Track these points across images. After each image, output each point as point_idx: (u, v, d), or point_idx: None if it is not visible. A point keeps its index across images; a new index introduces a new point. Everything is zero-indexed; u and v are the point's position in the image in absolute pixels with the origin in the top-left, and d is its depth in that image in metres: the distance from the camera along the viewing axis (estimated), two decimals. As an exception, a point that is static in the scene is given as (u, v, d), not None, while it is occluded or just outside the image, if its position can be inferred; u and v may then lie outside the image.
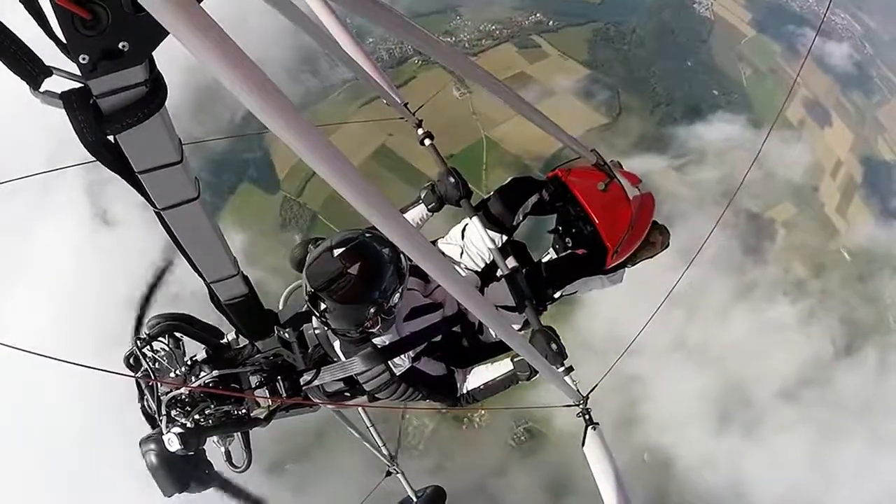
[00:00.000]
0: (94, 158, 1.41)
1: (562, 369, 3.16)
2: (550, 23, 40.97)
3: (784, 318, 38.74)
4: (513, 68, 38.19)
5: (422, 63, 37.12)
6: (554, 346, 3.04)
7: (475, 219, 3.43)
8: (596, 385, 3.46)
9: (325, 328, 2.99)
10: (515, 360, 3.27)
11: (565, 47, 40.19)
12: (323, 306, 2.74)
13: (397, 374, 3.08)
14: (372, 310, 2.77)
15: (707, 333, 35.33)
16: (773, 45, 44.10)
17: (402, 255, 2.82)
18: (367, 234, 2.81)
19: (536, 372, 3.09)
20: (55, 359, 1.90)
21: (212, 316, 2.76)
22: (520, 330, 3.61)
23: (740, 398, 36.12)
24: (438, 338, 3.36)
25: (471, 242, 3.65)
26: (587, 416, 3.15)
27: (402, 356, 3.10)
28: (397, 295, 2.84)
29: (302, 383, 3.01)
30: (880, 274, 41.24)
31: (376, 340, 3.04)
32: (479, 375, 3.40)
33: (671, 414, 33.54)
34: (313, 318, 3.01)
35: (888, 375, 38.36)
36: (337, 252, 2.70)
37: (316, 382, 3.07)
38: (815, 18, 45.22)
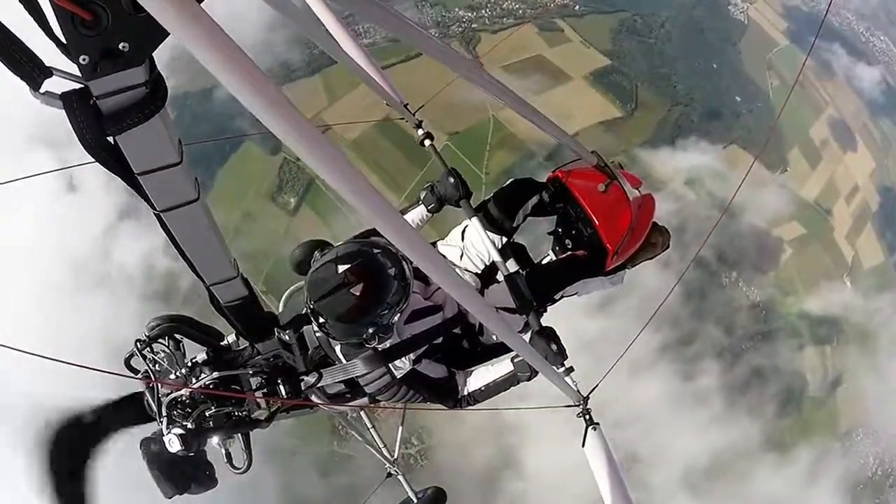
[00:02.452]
0: (93, 159, 1.41)
1: (562, 370, 3.16)
2: (576, 7, 39.44)
3: (710, 389, 31.63)
4: (531, 50, 36.72)
5: (438, 36, 36.63)
6: (554, 346, 3.04)
7: (475, 220, 3.42)
8: (596, 385, 3.46)
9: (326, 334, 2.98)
10: (516, 360, 3.27)
11: (588, 34, 38.60)
12: (322, 319, 2.73)
13: (398, 376, 3.07)
14: (371, 330, 2.76)
15: (611, 393, 29.67)
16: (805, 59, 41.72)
17: (406, 272, 2.77)
18: (375, 249, 2.74)
19: (537, 373, 3.08)
20: (54, 359, 1.89)
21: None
22: (520, 331, 3.61)
23: (631, 479, 29.47)
24: (439, 340, 3.36)
25: (471, 244, 3.65)
26: (587, 417, 3.15)
27: (403, 358, 3.09)
28: (398, 315, 2.81)
29: (304, 387, 3.00)
30: (855, 347, 35.03)
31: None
32: (480, 377, 3.39)
33: (543, 479, 27.22)
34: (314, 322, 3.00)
35: (817, 487, 30.82)
36: (341, 268, 2.65)
37: (317, 385, 3.06)
38: (853, 37, 43.44)
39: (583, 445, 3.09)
